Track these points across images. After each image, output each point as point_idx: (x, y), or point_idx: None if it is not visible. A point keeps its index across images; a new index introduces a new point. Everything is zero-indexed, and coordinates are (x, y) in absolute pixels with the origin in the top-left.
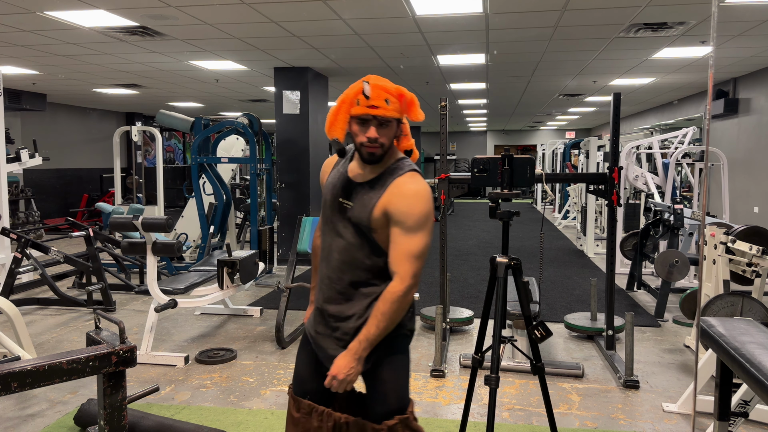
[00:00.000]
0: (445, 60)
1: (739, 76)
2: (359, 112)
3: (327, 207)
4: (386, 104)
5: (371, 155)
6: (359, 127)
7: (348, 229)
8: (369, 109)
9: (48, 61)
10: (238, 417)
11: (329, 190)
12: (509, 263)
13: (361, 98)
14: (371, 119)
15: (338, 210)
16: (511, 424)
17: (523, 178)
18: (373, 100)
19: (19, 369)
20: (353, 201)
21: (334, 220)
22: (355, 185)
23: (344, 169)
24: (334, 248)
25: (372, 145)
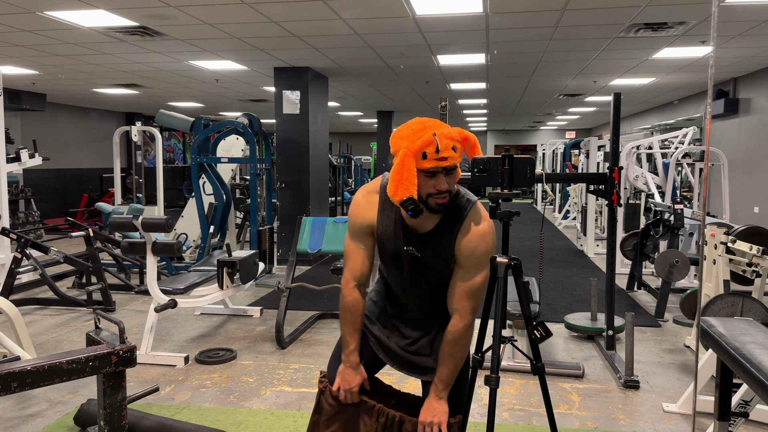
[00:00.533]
0: (445, 60)
1: (739, 76)
2: (429, 165)
3: (389, 256)
4: (453, 152)
5: (440, 206)
6: (425, 179)
7: (422, 275)
8: (439, 161)
9: (48, 61)
10: (238, 417)
11: (387, 240)
12: (509, 263)
13: (429, 152)
14: (440, 171)
15: (405, 259)
16: (512, 424)
17: (524, 178)
18: (442, 152)
19: (19, 369)
20: (420, 252)
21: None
22: (416, 235)
23: (396, 215)
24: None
25: (441, 197)
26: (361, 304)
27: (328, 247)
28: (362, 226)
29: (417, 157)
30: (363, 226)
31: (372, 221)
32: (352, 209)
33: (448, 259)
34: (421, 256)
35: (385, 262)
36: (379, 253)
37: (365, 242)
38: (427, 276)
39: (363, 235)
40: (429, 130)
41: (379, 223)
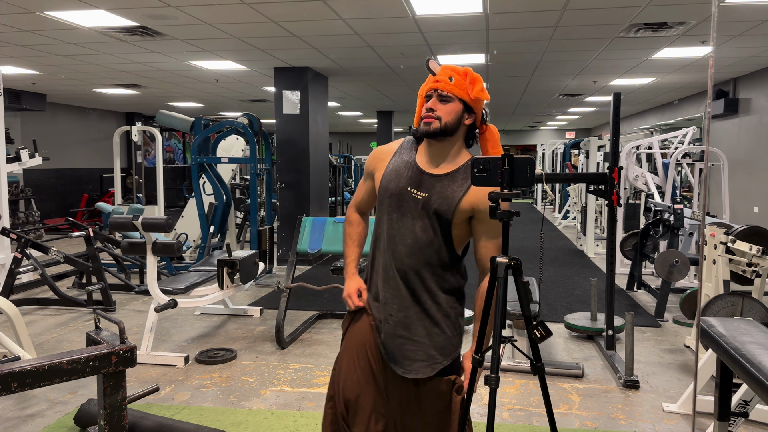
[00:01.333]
0: (445, 60)
1: (739, 76)
2: (424, 89)
3: (392, 199)
4: (449, 81)
5: (426, 125)
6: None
7: (420, 221)
8: (434, 83)
9: (48, 61)
10: (238, 417)
11: (393, 178)
12: (509, 263)
13: (430, 78)
14: (432, 93)
15: (406, 201)
16: (511, 424)
17: (524, 178)
18: (438, 75)
19: (19, 369)
20: (427, 192)
21: (402, 210)
22: (427, 176)
23: (410, 158)
24: (400, 241)
25: (428, 115)
26: (362, 222)
27: (328, 247)
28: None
29: (424, 90)
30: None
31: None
32: (371, 154)
33: (452, 204)
34: (428, 197)
35: (383, 203)
36: (380, 194)
37: (368, 186)
38: (425, 221)
39: (369, 179)
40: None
41: (391, 163)
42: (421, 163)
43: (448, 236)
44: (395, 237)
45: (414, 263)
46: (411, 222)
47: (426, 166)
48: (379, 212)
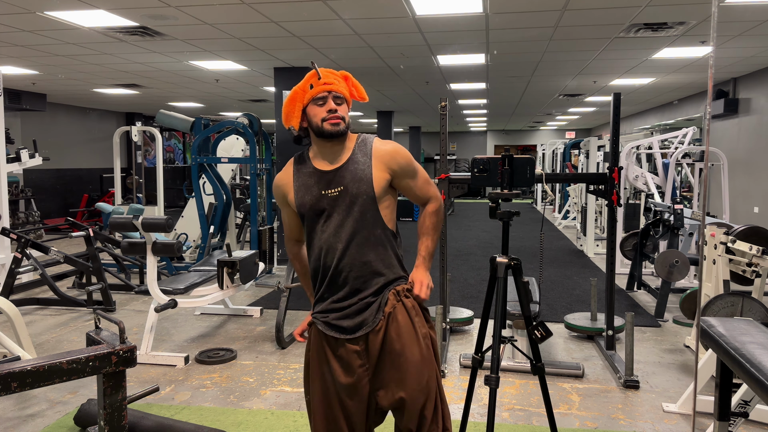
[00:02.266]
0: (445, 60)
1: (739, 76)
2: (315, 92)
3: (313, 209)
4: (336, 82)
5: (335, 126)
6: (317, 108)
7: (348, 214)
8: (324, 86)
9: (48, 61)
10: (238, 417)
11: (305, 192)
12: (509, 263)
13: (314, 82)
14: (327, 95)
15: (326, 203)
16: (511, 424)
17: (523, 178)
18: (324, 77)
19: (19, 369)
20: (340, 185)
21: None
22: (332, 173)
23: (309, 168)
24: (335, 241)
25: (333, 116)
26: (300, 253)
27: None
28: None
29: (305, 92)
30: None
31: (286, 188)
32: (275, 185)
33: (369, 179)
34: (344, 188)
35: (308, 220)
36: (300, 212)
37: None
38: (353, 209)
39: (286, 206)
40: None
41: (296, 180)
42: (320, 166)
43: (377, 214)
44: (329, 239)
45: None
46: (339, 219)
47: (326, 166)
48: (307, 230)
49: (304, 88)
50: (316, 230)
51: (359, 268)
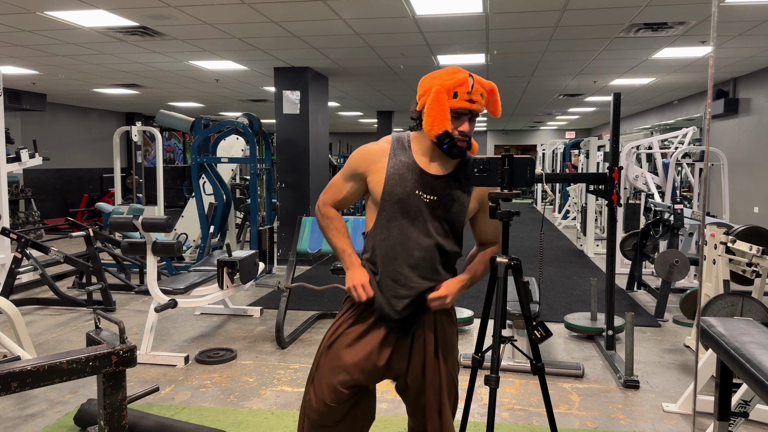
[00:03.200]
0: (445, 60)
1: (739, 76)
2: (459, 105)
3: (400, 204)
4: (481, 98)
5: (460, 149)
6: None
7: (431, 224)
8: (469, 103)
9: (48, 61)
10: (238, 417)
11: (398, 182)
12: (509, 263)
13: (460, 91)
14: (467, 113)
15: (416, 205)
16: (511, 424)
17: (524, 178)
18: (473, 94)
19: (19, 369)
20: (435, 194)
21: (412, 215)
22: (431, 178)
23: (410, 160)
24: (414, 246)
25: (463, 139)
26: (340, 216)
27: (328, 247)
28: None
29: (449, 95)
30: (361, 170)
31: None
32: (357, 153)
33: (465, 206)
34: (437, 200)
35: (389, 209)
36: (384, 199)
37: (353, 187)
38: (438, 224)
39: (355, 180)
40: (464, 73)
41: (390, 166)
42: (422, 164)
43: (459, 236)
44: (407, 242)
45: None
46: (423, 226)
47: (428, 167)
48: (379, 219)
49: (449, 92)
50: (396, 227)
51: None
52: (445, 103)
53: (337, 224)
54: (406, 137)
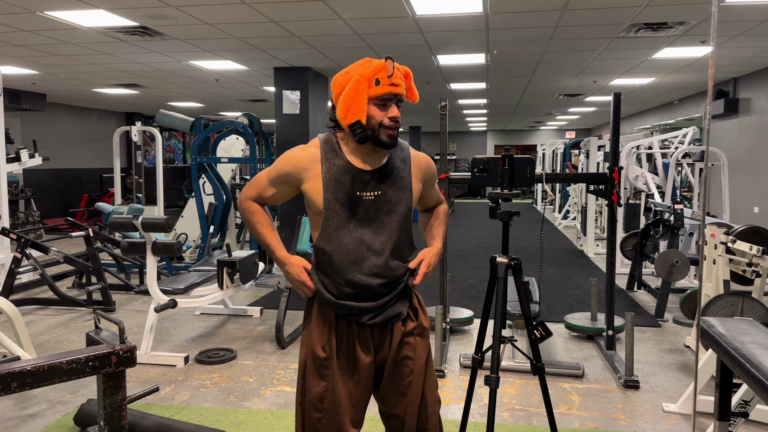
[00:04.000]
0: (445, 60)
1: (739, 76)
2: (382, 91)
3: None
4: (402, 82)
5: (391, 137)
6: (376, 109)
7: (383, 219)
8: (392, 87)
9: (48, 61)
10: (238, 417)
11: (337, 188)
12: (509, 263)
13: (381, 77)
14: (392, 98)
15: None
16: (511, 424)
17: (524, 178)
18: (394, 78)
19: (19, 369)
20: (377, 189)
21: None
22: (369, 175)
23: (343, 162)
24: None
25: (394, 126)
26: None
27: None
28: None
29: (370, 83)
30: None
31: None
32: (285, 158)
33: (409, 188)
34: (382, 193)
35: (334, 217)
36: (327, 207)
37: (281, 191)
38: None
39: (285, 185)
40: (379, 60)
41: (325, 172)
42: (356, 163)
43: (407, 222)
44: (360, 246)
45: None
46: (374, 225)
47: (363, 165)
48: (326, 228)
49: (369, 80)
50: (345, 233)
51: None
52: (364, 92)
53: (262, 218)
54: (335, 138)
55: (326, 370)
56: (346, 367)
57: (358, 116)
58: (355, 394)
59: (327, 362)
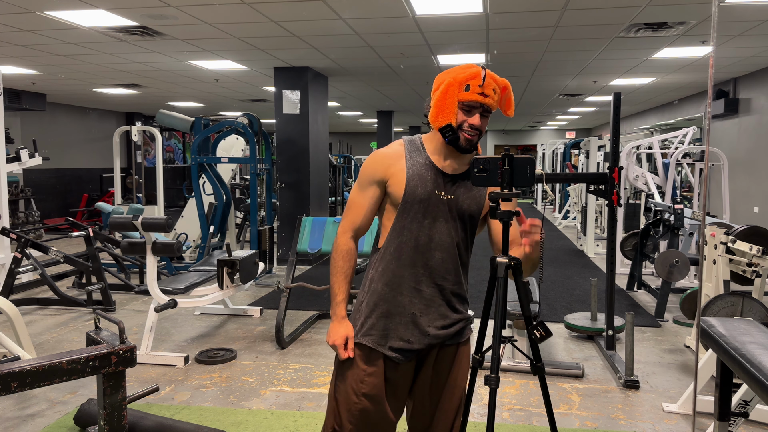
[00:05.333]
0: (445, 60)
1: (739, 76)
2: (469, 97)
3: (418, 202)
4: (494, 94)
5: (469, 142)
6: (462, 113)
7: (451, 224)
8: (480, 96)
9: (48, 60)
10: (238, 417)
11: (419, 183)
12: (509, 263)
13: (472, 84)
14: (478, 107)
15: (435, 205)
16: (511, 424)
17: (524, 178)
18: (485, 87)
19: (19, 369)
20: (452, 194)
21: (433, 215)
22: (448, 177)
23: (426, 160)
24: (436, 247)
25: (473, 132)
26: (354, 253)
27: (328, 247)
28: (378, 175)
29: (460, 88)
30: (379, 175)
31: (392, 169)
32: (370, 159)
33: (481, 203)
34: (454, 199)
35: (411, 210)
36: (406, 201)
37: (374, 194)
38: (456, 223)
39: (375, 186)
40: (477, 67)
41: (409, 167)
42: (437, 163)
43: (472, 236)
44: (430, 243)
45: (449, 268)
46: (445, 226)
47: (443, 167)
48: (401, 220)
49: (461, 84)
50: (417, 228)
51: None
52: (454, 96)
53: (344, 264)
54: (418, 139)
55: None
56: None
57: (448, 120)
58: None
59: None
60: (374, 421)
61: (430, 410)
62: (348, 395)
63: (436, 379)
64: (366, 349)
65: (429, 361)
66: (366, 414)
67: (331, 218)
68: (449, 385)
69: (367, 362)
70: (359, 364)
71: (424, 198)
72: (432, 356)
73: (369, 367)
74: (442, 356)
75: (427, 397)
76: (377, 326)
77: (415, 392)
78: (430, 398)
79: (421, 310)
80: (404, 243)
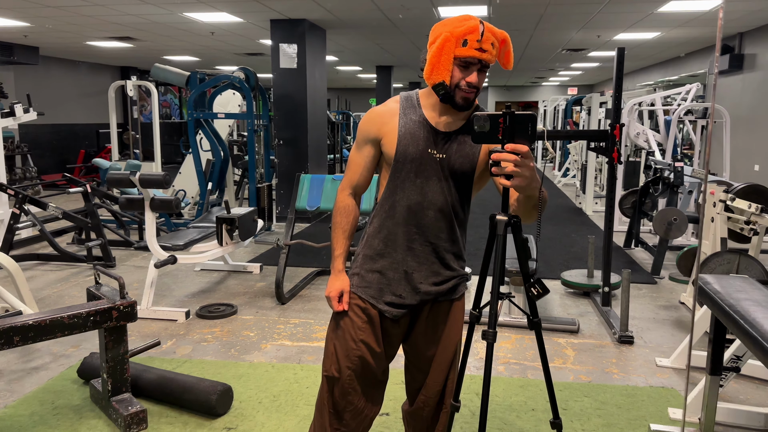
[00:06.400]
0: (446, 12)
1: (746, 31)
2: (467, 53)
3: (410, 161)
4: (492, 48)
5: (466, 100)
6: (459, 70)
7: (444, 183)
8: (478, 52)
9: (39, 12)
10: (239, 370)
11: (410, 141)
12: (509, 221)
13: (470, 39)
14: (476, 63)
15: (428, 163)
16: (507, 377)
17: (525, 134)
18: (483, 42)
19: (21, 323)
20: (444, 152)
21: (426, 174)
22: (441, 135)
23: (420, 117)
24: (428, 206)
25: (470, 90)
26: (355, 210)
27: (327, 205)
28: (372, 134)
29: (457, 43)
30: (373, 134)
31: (385, 128)
32: (366, 118)
33: (474, 161)
34: (446, 157)
35: (403, 169)
36: (398, 160)
37: (369, 153)
38: (449, 182)
39: (370, 145)
40: (475, 20)
41: (402, 125)
42: (431, 120)
43: (467, 193)
44: (422, 203)
45: (442, 226)
46: (438, 185)
47: (437, 124)
48: (394, 179)
49: (458, 39)
50: (410, 187)
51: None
52: (450, 52)
53: (342, 220)
54: (415, 95)
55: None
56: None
57: (442, 77)
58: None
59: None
60: (371, 366)
61: (425, 363)
62: (346, 342)
63: (430, 333)
64: (362, 300)
65: (422, 316)
66: (364, 360)
67: (330, 176)
68: (443, 340)
69: (364, 312)
70: (357, 313)
71: (415, 157)
72: (425, 311)
73: (365, 316)
74: (435, 311)
75: (422, 351)
76: (372, 280)
77: (410, 346)
78: (425, 352)
79: (414, 267)
80: (397, 202)
